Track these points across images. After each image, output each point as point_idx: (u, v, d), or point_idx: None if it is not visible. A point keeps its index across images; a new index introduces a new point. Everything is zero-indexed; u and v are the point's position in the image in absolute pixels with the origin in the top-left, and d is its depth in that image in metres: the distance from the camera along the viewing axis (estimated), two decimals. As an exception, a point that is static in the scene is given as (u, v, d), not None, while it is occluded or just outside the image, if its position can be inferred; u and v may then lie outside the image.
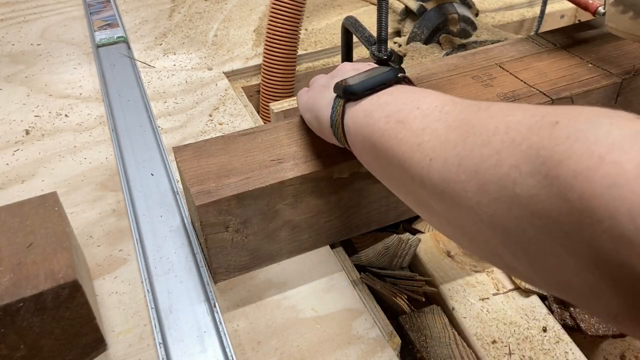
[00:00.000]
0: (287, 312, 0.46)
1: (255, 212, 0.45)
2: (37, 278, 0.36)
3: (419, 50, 0.81)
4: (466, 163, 0.28)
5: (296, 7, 0.76)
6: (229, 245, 0.46)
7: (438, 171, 0.30)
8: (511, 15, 1.01)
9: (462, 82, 0.56)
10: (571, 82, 0.55)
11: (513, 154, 0.26)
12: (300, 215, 0.48)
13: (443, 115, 0.32)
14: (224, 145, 0.48)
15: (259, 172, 0.45)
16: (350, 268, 0.50)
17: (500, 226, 0.26)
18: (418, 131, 0.33)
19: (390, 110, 0.36)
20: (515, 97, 0.53)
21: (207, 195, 0.43)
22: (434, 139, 0.31)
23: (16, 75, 0.81)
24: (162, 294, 0.47)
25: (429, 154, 0.31)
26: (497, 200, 0.26)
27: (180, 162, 0.47)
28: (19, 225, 0.40)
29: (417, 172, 0.32)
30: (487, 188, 0.27)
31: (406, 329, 0.48)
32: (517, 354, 0.45)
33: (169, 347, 0.43)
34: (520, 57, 0.60)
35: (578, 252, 0.23)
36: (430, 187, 0.31)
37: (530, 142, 0.25)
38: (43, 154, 0.64)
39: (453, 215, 0.30)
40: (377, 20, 0.53)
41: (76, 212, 0.56)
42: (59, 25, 0.96)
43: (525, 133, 0.26)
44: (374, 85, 0.39)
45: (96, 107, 0.73)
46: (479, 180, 0.27)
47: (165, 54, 0.86)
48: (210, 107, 0.73)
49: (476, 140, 0.28)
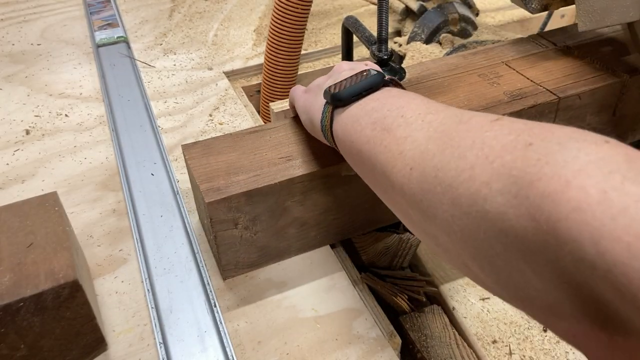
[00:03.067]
0: (288, 312, 0.46)
1: (264, 209, 0.45)
2: (38, 278, 0.36)
3: (419, 50, 0.81)
4: (442, 175, 0.29)
5: (302, 6, 0.75)
6: (238, 242, 0.46)
7: (417, 181, 0.31)
8: (511, 15, 1.01)
9: (468, 80, 0.56)
10: (577, 80, 0.55)
11: (485, 171, 0.26)
12: (308, 212, 0.48)
13: (425, 125, 0.33)
14: (232, 143, 0.49)
15: (268, 170, 0.45)
16: (350, 268, 0.50)
17: (470, 240, 0.27)
18: (400, 139, 0.33)
19: (376, 117, 0.36)
20: (522, 95, 0.53)
21: (217, 193, 0.43)
22: (414, 148, 0.32)
23: (16, 75, 0.81)
24: (163, 293, 0.47)
25: (410, 163, 0.32)
26: (468, 214, 0.27)
27: (189, 159, 0.47)
28: (19, 225, 0.40)
29: (398, 180, 0.32)
30: (459, 202, 0.27)
31: (406, 329, 0.48)
32: (517, 354, 0.45)
33: (169, 347, 0.43)
34: (525, 56, 0.60)
35: (542, 272, 0.23)
36: (409, 196, 0.31)
37: (503, 160, 0.26)
38: (43, 153, 0.64)
39: (428, 225, 0.31)
40: (378, 20, 0.53)
41: (76, 212, 0.56)
42: (59, 25, 0.96)
43: (499, 151, 0.26)
44: (361, 90, 0.39)
45: (96, 107, 0.73)
46: (453, 194, 0.28)
47: (166, 53, 0.86)
48: (210, 106, 0.73)
49: (453, 152, 0.29)
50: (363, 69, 0.42)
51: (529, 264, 0.24)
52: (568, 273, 0.22)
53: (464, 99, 0.53)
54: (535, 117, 0.53)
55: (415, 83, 0.56)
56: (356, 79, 0.40)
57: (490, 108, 0.52)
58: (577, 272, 0.21)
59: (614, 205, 0.20)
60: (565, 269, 0.22)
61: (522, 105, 0.52)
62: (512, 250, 0.25)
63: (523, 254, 0.24)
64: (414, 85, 0.56)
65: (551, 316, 0.25)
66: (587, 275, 0.21)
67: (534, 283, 0.24)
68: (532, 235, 0.23)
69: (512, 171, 0.25)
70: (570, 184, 0.22)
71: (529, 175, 0.24)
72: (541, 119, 0.53)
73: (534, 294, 0.25)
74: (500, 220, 0.25)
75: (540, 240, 0.23)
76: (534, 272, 0.24)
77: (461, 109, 0.32)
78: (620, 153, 0.23)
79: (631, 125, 0.62)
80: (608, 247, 0.20)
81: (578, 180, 0.22)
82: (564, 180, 0.22)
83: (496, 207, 0.25)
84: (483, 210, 0.26)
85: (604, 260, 0.20)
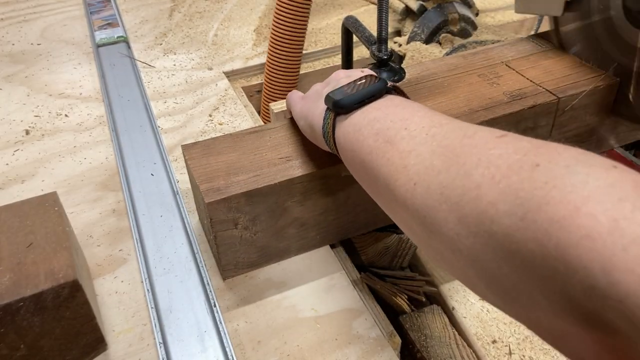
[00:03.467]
0: (287, 312, 0.46)
1: (264, 210, 0.45)
2: (37, 278, 0.36)
3: (419, 50, 0.81)
4: (448, 193, 0.28)
5: (303, 6, 0.75)
6: (237, 242, 0.46)
7: (421, 196, 0.30)
8: (511, 15, 1.01)
9: (467, 80, 0.56)
10: (577, 81, 0.55)
11: (491, 191, 0.26)
12: (308, 213, 0.48)
13: (429, 139, 0.32)
14: (232, 143, 0.49)
15: (268, 170, 0.45)
16: (350, 268, 0.50)
17: (478, 259, 0.27)
18: (404, 153, 0.33)
19: (379, 128, 0.36)
20: (522, 96, 0.53)
21: (217, 193, 0.43)
22: (419, 163, 0.31)
23: (16, 75, 0.81)
24: (162, 293, 0.47)
25: (413, 178, 0.31)
26: (475, 234, 0.26)
27: (189, 159, 0.47)
28: (19, 225, 0.40)
29: (401, 194, 0.32)
30: (466, 221, 0.27)
31: (406, 329, 0.48)
32: (517, 354, 0.45)
33: (169, 347, 0.43)
34: (525, 56, 0.60)
35: (551, 297, 0.23)
36: (412, 211, 0.31)
37: (509, 181, 0.25)
38: (43, 154, 0.64)
39: (433, 241, 0.30)
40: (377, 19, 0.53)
41: (76, 212, 0.56)
42: (59, 24, 0.96)
43: (505, 171, 0.26)
44: (363, 97, 0.39)
45: (96, 107, 0.73)
46: (459, 212, 0.27)
47: (166, 53, 0.86)
48: (210, 107, 0.73)
49: (459, 170, 0.28)
50: (361, 76, 0.41)
51: (538, 287, 0.24)
52: (577, 300, 0.22)
53: (464, 99, 0.53)
54: (534, 117, 0.53)
55: (415, 83, 0.56)
56: (358, 85, 0.40)
57: (490, 108, 0.52)
58: (587, 300, 0.21)
59: (626, 235, 0.20)
60: (575, 297, 0.22)
61: (522, 105, 0.52)
62: (521, 272, 0.24)
63: (531, 277, 0.24)
64: (413, 85, 0.56)
65: (559, 340, 0.25)
66: (598, 304, 0.21)
67: (542, 306, 0.24)
68: (541, 260, 0.23)
69: (519, 192, 0.24)
70: (580, 210, 0.22)
71: (537, 198, 0.23)
72: (540, 119, 0.53)
73: (542, 317, 0.24)
74: (508, 242, 0.24)
75: (549, 266, 0.22)
76: (542, 296, 0.24)
77: (462, 109, 0.32)
78: (628, 179, 0.22)
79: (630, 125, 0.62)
80: (620, 278, 0.19)
81: (588, 206, 0.21)
82: (573, 206, 0.22)
83: (503, 229, 0.24)
84: (490, 230, 0.25)
85: (617, 291, 0.20)
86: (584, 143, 0.59)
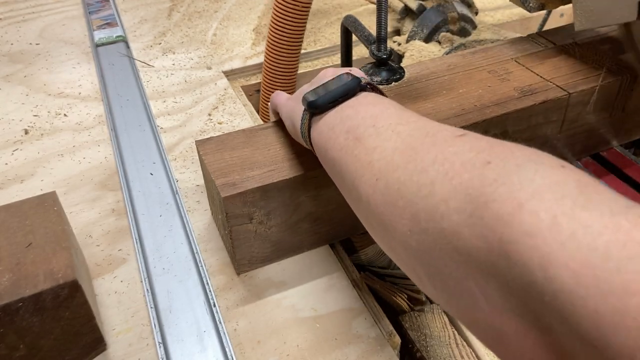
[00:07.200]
0: (287, 312, 0.46)
1: (278, 204, 0.46)
2: (37, 278, 0.36)
3: (418, 49, 0.81)
4: (404, 189, 0.29)
5: (302, 5, 0.75)
6: (252, 237, 0.47)
7: (381, 193, 0.30)
8: (511, 14, 1.01)
9: (478, 76, 0.56)
10: (587, 76, 0.55)
11: (444, 188, 0.26)
12: (321, 208, 0.49)
13: (394, 136, 0.32)
14: (246, 139, 0.49)
15: (282, 165, 0.46)
16: (350, 267, 0.50)
17: (426, 256, 0.27)
18: (370, 149, 0.33)
19: (350, 126, 0.36)
20: (533, 91, 0.53)
21: (232, 187, 0.43)
22: (381, 159, 0.32)
23: (15, 74, 0.80)
24: (162, 293, 0.47)
25: (376, 174, 0.31)
26: (425, 230, 0.27)
27: (203, 155, 0.47)
28: (18, 225, 0.40)
29: (365, 191, 0.32)
30: (418, 217, 0.27)
31: (406, 328, 0.48)
32: (517, 353, 0.45)
33: (169, 347, 0.43)
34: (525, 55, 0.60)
35: (493, 294, 0.23)
36: (373, 207, 0.31)
37: (461, 178, 0.26)
38: (42, 153, 0.64)
39: (389, 239, 0.30)
40: (377, 19, 0.53)
41: (75, 211, 0.56)
42: (58, 24, 0.95)
43: (458, 168, 0.26)
44: (337, 96, 0.39)
45: (95, 107, 0.73)
46: (413, 208, 0.28)
47: (165, 53, 0.86)
48: (209, 106, 0.73)
49: (416, 166, 0.29)
50: (338, 74, 0.41)
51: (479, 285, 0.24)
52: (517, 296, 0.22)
53: (476, 95, 0.53)
54: (545, 113, 0.53)
55: (415, 82, 0.56)
56: (332, 84, 0.40)
57: (501, 103, 0.52)
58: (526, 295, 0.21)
59: (563, 231, 0.20)
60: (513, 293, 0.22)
61: (533, 100, 0.52)
62: (464, 269, 0.24)
63: (474, 273, 0.24)
64: (413, 84, 0.56)
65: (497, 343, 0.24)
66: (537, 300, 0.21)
67: (485, 305, 0.24)
68: (484, 255, 0.23)
69: (469, 190, 0.25)
70: (523, 207, 0.22)
71: (485, 195, 0.24)
72: (551, 115, 0.53)
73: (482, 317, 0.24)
74: (455, 239, 0.24)
75: (491, 262, 0.22)
76: (484, 294, 0.24)
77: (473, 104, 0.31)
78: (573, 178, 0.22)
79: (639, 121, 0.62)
80: (555, 273, 0.19)
81: (531, 203, 0.22)
82: (517, 202, 0.22)
83: (452, 226, 0.25)
84: (439, 227, 0.25)
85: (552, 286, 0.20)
86: (592, 139, 0.59)
